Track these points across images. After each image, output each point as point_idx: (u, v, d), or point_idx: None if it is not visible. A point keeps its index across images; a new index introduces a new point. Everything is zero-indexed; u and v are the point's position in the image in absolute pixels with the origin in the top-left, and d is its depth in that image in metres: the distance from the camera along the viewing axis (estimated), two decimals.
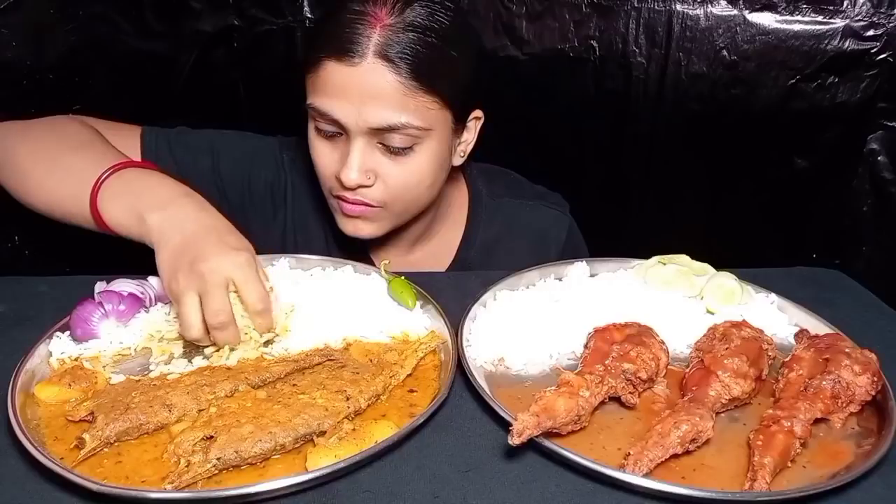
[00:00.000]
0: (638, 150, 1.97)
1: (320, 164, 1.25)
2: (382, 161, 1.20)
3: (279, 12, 1.90)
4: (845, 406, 0.93)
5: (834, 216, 1.97)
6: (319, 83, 1.16)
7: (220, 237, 1.01)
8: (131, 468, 0.80)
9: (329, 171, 1.23)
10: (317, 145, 1.24)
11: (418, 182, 1.24)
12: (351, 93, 1.13)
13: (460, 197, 1.51)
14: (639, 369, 0.92)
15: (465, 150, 1.34)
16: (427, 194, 1.29)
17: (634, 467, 0.80)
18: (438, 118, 1.20)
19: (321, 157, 1.24)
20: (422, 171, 1.23)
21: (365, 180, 1.19)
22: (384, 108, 1.13)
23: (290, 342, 1.04)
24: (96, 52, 1.74)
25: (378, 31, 1.12)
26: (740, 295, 1.17)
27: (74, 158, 1.15)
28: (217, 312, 0.95)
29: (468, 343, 1.03)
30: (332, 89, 1.15)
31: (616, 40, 1.85)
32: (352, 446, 0.82)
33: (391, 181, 1.22)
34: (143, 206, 1.04)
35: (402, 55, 1.12)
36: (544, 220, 1.52)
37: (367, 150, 1.18)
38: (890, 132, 1.84)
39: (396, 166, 1.21)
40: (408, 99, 1.14)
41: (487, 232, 1.49)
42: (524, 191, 1.56)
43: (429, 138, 1.20)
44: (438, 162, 1.25)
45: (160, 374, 0.96)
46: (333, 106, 1.15)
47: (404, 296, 1.13)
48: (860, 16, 1.73)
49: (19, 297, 1.16)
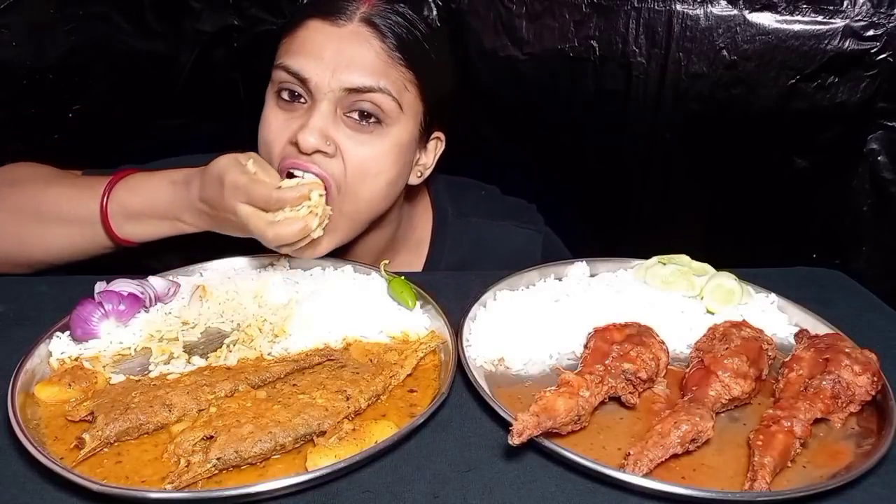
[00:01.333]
0: (638, 150, 1.97)
1: (271, 131, 1.16)
2: (344, 135, 1.13)
3: (279, 12, 1.90)
4: (845, 406, 0.93)
5: (834, 216, 1.97)
6: (297, 42, 1.14)
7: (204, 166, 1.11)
8: (131, 468, 0.80)
9: (282, 136, 1.14)
10: (270, 118, 1.17)
11: (377, 172, 1.16)
12: (329, 53, 1.11)
13: (424, 216, 1.44)
14: (639, 369, 0.92)
15: (422, 172, 1.29)
16: (383, 191, 1.20)
17: (634, 467, 0.80)
18: (412, 105, 1.17)
19: (273, 124, 1.16)
20: (382, 159, 1.16)
21: (324, 145, 1.11)
22: (362, 70, 1.11)
23: (289, 342, 1.03)
24: (96, 52, 1.74)
25: (367, 6, 1.12)
26: (740, 295, 1.17)
27: (57, 201, 1.21)
28: (278, 199, 1.03)
29: (468, 343, 1.03)
30: (309, 47, 1.12)
31: (616, 40, 1.85)
32: (352, 446, 0.82)
33: (349, 157, 1.13)
34: (171, 211, 1.15)
35: (390, 27, 1.12)
36: (515, 242, 1.45)
37: (330, 117, 1.12)
38: (890, 132, 1.84)
39: (358, 145, 1.14)
40: (388, 68, 1.13)
41: (454, 255, 1.42)
42: (494, 207, 1.48)
43: (397, 124, 1.15)
44: (401, 160, 1.19)
45: (160, 374, 0.96)
46: (306, 63, 1.11)
47: (404, 296, 1.12)
48: (860, 16, 1.73)
49: (19, 297, 1.16)
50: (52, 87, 1.68)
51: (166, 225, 1.18)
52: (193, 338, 1.05)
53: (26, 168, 1.28)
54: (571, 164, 2.02)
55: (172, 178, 1.16)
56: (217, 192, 1.07)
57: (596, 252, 1.46)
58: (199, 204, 1.12)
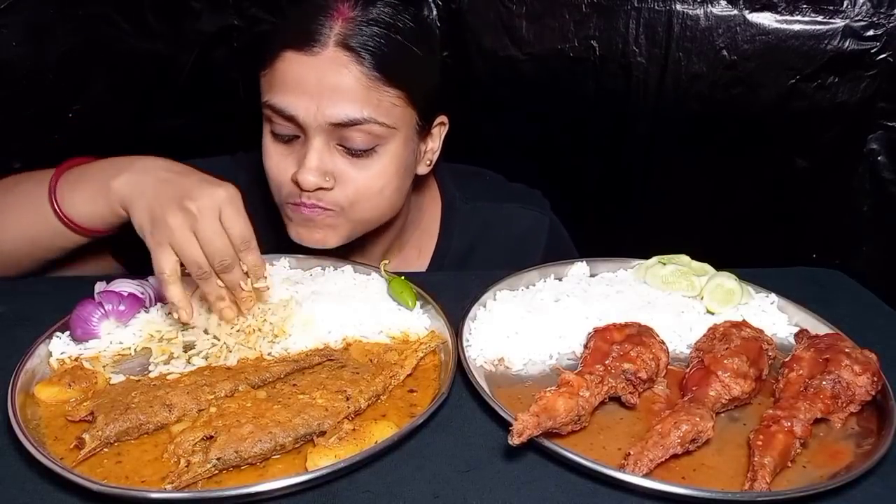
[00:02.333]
0: (638, 150, 1.97)
1: (274, 169, 1.17)
2: (342, 163, 1.13)
3: (279, 12, 1.90)
4: (845, 406, 0.93)
5: (834, 216, 1.97)
6: (277, 77, 1.11)
7: (199, 176, 0.98)
8: (131, 468, 0.80)
9: (284, 176, 1.15)
10: (271, 151, 1.16)
11: (381, 188, 1.17)
12: (310, 85, 1.07)
13: (432, 203, 1.44)
14: (639, 369, 0.92)
15: (430, 159, 1.28)
16: (389, 202, 1.21)
17: (634, 467, 0.80)
18: (403, 117, 1.14)
19: (275, 162, 1.16)
20: (385, 175, 1.16)
21: (323, 182, 1.12)
22: (345, 101, 1.08)
23: (289, 342, 1.03)
24: (96, 52, 1.74)
25: (340, 23, 1.08)
26: (740, 295, 1.17)
27: (19, 187, 1.13)
28: (223, 257, 0.93)
29: (468, 343, 1.03)
30: (290, 82, 1.09)
31: (616, 40, 1.85)
32: (352, 446, 0.82)
33: (351, 186, 1.14)
34: (104, 178, 1.02)
35: (365, 46, 1.08)
36: (521, 225, 1.46)
37: (325, 150, 1.12)
38: (890, 132, 1.84)
39: (357, 170, 1.14)
40: (371, 92, 1.09)
41: (462, 240, 1.43)
42: (500, 192, 1.49)
43: (393, 140, 1.14)
44: (403, 167, 1.19)
45: (160, 374, 0.96)
46: (290, 101, 1.09)
47: (404, 296, 1.12)
48: (860, 16, 1.74)
49: (19, 297, 1.15)
50: (52, 87, 1.68)
51: (99, 195, 1.05)
52: (193, 337, 1.05)
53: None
54: (571, 164, 2.02)
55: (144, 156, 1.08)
56: (204, 190, 0.96)
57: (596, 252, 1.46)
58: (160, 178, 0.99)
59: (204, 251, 0.94)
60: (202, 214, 0.93)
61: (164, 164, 1.04)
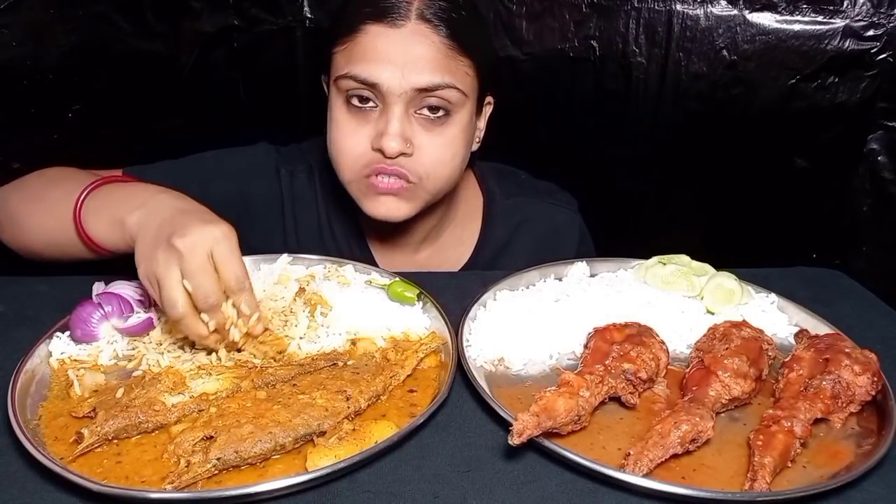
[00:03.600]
0: (638, 150, 1.97)
1: (349, 140, 1.21)
2: (419, 131, 1.20)
3: (279, 12, 1.90)
4: (845, 406, 0.93)
5: (834, 216, 1.97)
6: (358, 50, 1.16)
7: (198, 215, 0.98)
8: (131, 468, 0.80)
9: (361, 147, 1.20)
10: (344, 123, 1.21)
11: (453, 155, 1.24)
12: (395, 56, 1.14)
13: (470, 191, 1.50)
14: (639, 369, 0.92)
15: (479, 137, 1.35)
16: (457, 172, 1.28)
17: (634, 467, 0.80)
18: (473, 87, 1.22)
19: (349, 133, 1.20)
20: (455, 143, 1.23)
21: (405, 147, 1.17)
22: (429, 68, 1.15)
23: (294, 346, 1.03)
24: (96, 52, 1.74)
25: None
26: (740, 295, 1.17)
27: (56, 191, 1.15)
28: (207, 294, 0.91)
29: (468, 343, 1.03)
30: (373, 54, 1.15)
31: (616, 40, 1.85)
32: (352, 446, 0.82)
33: (427, 153, 1.20)
34: (122, 211, 1.03)
35: (441, 18, 1.16)
36: (557, 221, 1.52)
37: (405, 118, 1.18)
38: (890, 132, 1.84)
39: (432, 137, 1.20)
40: (449, 60, 1.17)
41: (503, 232, 1.49)
42: (535, 189, 1.55)
43: (463, 108, 1.22)
44: (469, 138, 1.27)
45: (159, 373, 0.95)
46: (376, 70, 1.15)
47: (404, 294, 1.13)
48: (860, 16, 1.74)
49: (19, 297, 1.16)
50: (52, 87, 1.67)
51: (116, 224, 1.05)
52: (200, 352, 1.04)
53: (54, 169, 1.25)
54: (571, 164, 2.02)
55: (165, 189, 1.09)
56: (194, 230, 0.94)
57: (596, 252, 1.46)
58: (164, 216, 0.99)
59: (188, 289, 0.92)
60: (188, 251, 0.91)
61: (177, 202, 1.03)
